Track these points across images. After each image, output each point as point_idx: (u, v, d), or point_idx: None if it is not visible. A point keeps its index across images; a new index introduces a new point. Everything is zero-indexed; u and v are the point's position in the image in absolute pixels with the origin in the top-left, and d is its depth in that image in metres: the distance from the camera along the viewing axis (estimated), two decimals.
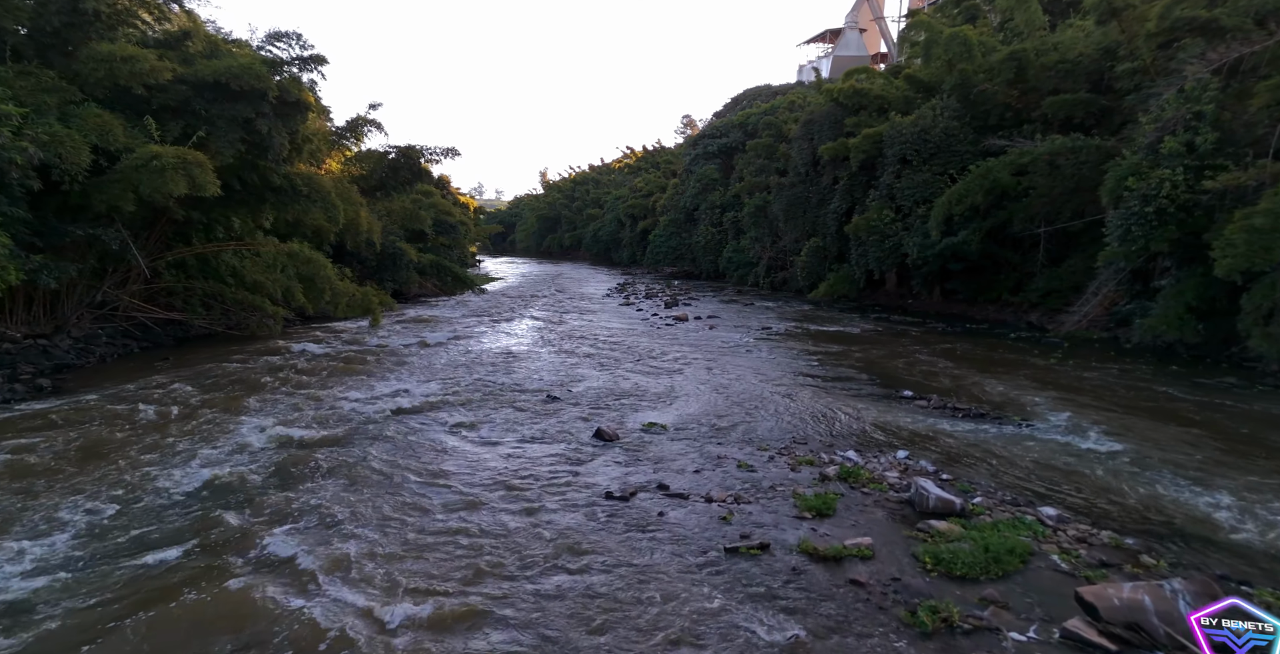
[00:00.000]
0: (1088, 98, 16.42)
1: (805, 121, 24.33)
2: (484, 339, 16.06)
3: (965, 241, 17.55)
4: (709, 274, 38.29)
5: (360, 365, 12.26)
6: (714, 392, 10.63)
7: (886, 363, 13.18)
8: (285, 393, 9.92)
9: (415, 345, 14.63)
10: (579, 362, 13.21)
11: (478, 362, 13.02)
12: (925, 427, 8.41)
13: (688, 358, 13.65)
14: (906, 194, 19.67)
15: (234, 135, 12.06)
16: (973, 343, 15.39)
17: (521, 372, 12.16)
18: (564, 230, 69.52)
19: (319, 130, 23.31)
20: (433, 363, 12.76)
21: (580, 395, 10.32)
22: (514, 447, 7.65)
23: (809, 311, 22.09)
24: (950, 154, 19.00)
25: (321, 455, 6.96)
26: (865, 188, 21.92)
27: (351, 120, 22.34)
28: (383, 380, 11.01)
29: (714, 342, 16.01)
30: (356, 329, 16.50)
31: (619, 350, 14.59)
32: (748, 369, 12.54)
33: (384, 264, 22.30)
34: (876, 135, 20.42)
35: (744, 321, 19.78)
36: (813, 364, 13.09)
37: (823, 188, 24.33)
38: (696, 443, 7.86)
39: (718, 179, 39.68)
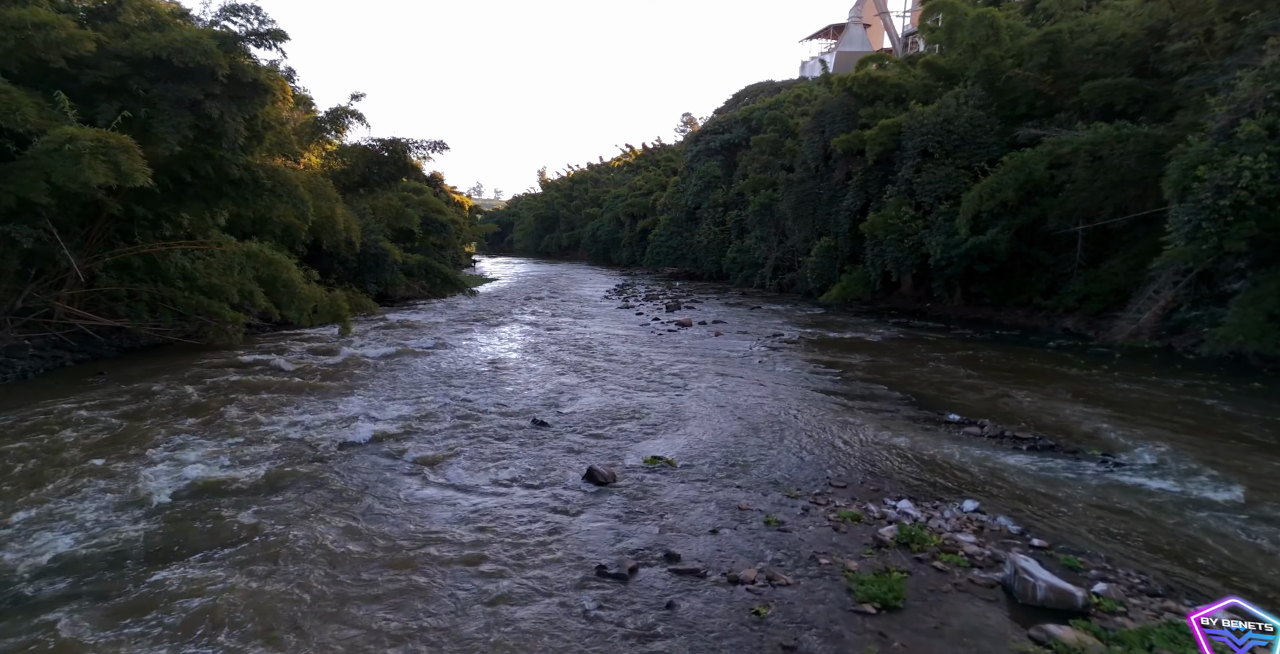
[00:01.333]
0: (1131, 82, 14.97)
1: (816, 113, 22.87)
2: (469, 347, 14.60)
3: (994, 241, 16.09)
4: (711, 275, 36.84)
5: (324, 381, 10.80)
6: (726, 414, 9.17)
7: (917, 376, 11.72)
8: (224, 417, 8.45)
9: (391, 356, 13.16)
10: (572, 375, 11.76)
11: (458, 375, 11.56)
12: (985, 462, 6.95)
13: (694, 370, 12.20)
14: (927, 189, 18.21)
15: (180, 119, 10.59)
16: (1007, 352, 13.93)
17: (507, 388, 10.71)
18: (562, 230, 68.08)
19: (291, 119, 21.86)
20: (407, 377, 11.30)
21: (572, 419, 8.86)
22: (486, 493, 6.18)
23: (821, 316, 20.63)
24: (975, 146, 17.54)
25: (233, 513, 5.49)
26: (881, 183, 20.47)
27: (331, 111, 20.89)
28: (345, 400, 9.55)
29: (721, 350, 14.56)
30: (329, 336, 15.03)
31: (617, 361, 13.14)
32: (762, 384, 11.09)
33: (366, 265, 20.84)
34: (894, 126, 18.97)
35: (752, 327, 18.33)
36: (835, 378, 11.63)
37: (834, 184, 22.87)
38: (710, 485, 6.40)
39: (720, 176, 38.23)
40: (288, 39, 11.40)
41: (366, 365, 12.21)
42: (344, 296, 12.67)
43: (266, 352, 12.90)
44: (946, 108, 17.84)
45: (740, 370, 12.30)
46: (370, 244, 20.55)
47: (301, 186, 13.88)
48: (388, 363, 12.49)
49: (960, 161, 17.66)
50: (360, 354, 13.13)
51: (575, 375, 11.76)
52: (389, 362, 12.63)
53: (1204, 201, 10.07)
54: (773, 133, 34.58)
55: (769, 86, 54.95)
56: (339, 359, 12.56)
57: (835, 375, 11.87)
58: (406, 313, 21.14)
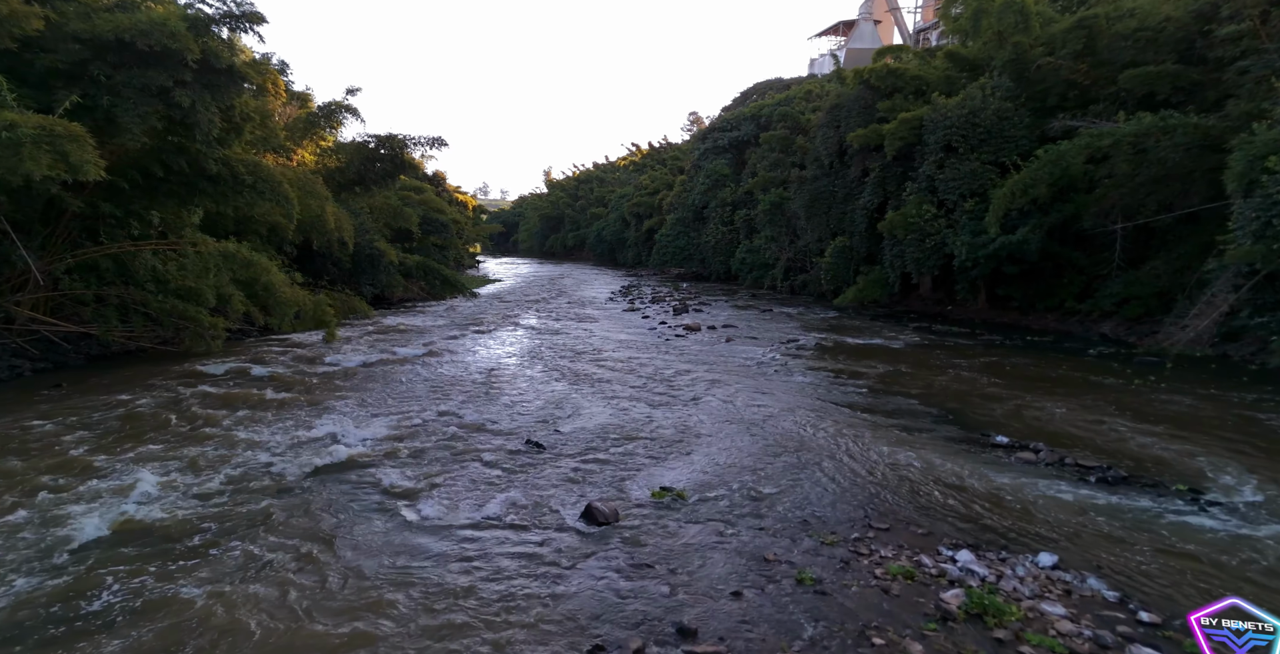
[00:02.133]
0: (1175, 69, 13.90)
1: (831, 107, 21.86)
2: (464, 354, 13.71)
3: (1025, 240, 15.05)
4: (719, 276, 35.89)
5: (303, 393, 9.92)
6: (742, 432, 8.22)
7: (948, 388, 10.73)
8: (185, 437, 7.57)
9: (379, 364, 12.28)
10: (574, 386, 10.84)
11: (449, 386, 10.66)
12: (1050, 499, 5.96)
13: (705, 380, 11.25)
14: (950, 186, 17.19)
15: (146, 108, 9.74)
16: (1042, 360, 12.90)
17: (501, 400, 9.80)
18: (567, 230, 67.27)
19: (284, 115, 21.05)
20: (393, 389, 10.41)
21: (571, 438, 7.93)
22: (465, 537, 5.26)
23: (836, 320, 19.62)
24: (1003, 140, 16.51)
25: (157, 566, 4.59)
26: (900, 180, 19.45)
27: (325, 106, 20.09)
28: (323, 415, 8.65)
29: (734, 358, 13.60)
30: (316, 343, 14.17)
31: (622, 370, 12.21)
32: (780, 397, 10.13)
33: (360, 267, 20.00)
34: (915, 120, 17.95)
35: (764, 332, 17.36)
36: (860, 390, 10.65)
37: (850, 181, 21.85)
38: (729, 526, 5.46)
39: (728, 175, 37.28)
40: (265, 22, 10.52)
41: (352, 375, 11.33)
42: (328, 300, 11.80)
43: (246, 360, 12.04)
44: (971, 100, 16.80)
45: (755, 381, 11.34)
46: (365, 244, 19.72)
47: (286, 183, 13.03)
48: (375, 372, 11.60)
49: (986, 156, 16.63)
50: (346, 362, 12.25)
51: (576, 386, 10.85)
52: (376, 371, 11.75)
53: (1275, 196, 9.03)
54: (783, 129, 33.58)
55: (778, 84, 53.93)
56: (323, 368, 11.68)
57: (858, 387, 10.89)
58: (403, 316, 20.29)
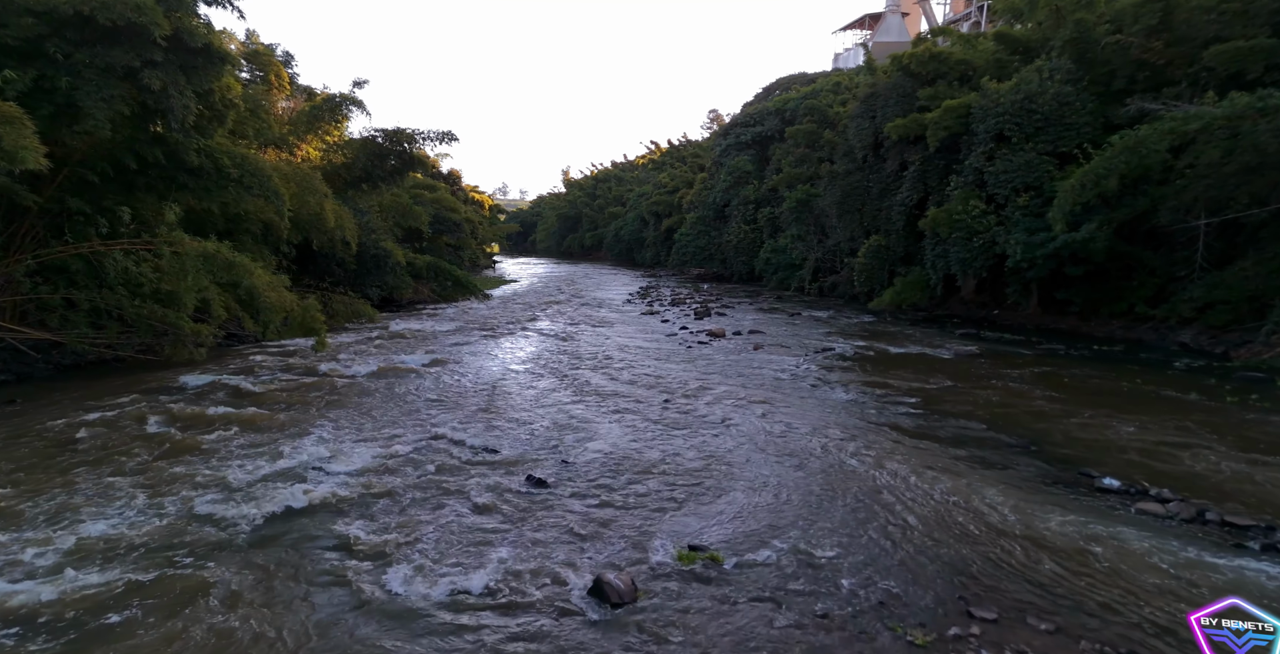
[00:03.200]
0: (1270, 44, 12.24)
1: (866, 97, 20.35)
2: (471, 364, 12.56)
3: (1091, 238, 13.46)
4: (742, 277, 34.47)
5: (283, 412, 8.82)
6: (783, 465, 6.91)
7: (1019, 409, 9.29)
8: (128, 472, 6.48)
9: (375, 376, 11.18)
10: (586, 402, 9.61)
11: (449, 403, 9.50)
12: (1207, 574, 4.56)
13: (733, 396, 9.95)
14: (1001, 179, 15.63)
15: (111, 91, 8.73)
16: (1120, 374, 11.34)
17: (504, 422, 8.60)
18: (585, 230, 66.23)
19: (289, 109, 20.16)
20: (386, 407, 9.27)
21: (580, 472, 6.70)
22: (436, 626, 4.03)
23: (873, 325, 18.14)
24: (1062, 127, 14.92)
25: None
26: (943, 173, 17.91)
27: (329, 98, 19.15)
28: (297, 442, 7.53)
29: (763, 369, 12.26)
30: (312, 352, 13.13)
31: (640, 383, 10.96)
32: (822, 419, 8.79)
33: (366, 268, 19.02)
34: (962, 107, 16.42)
35: (795, 338, 15.97)
36: (914, 411, 9.25)
37: (886, 175, 20.33)
38: (781, 612, 4.17)
39: (751, 171, 35.85)
40: None
41: (343, 389, 10.22)
42: (317, 306, 10.71)
43: (231, 371, 11.01)
44: (1027, 84, 15.23)
45: (791, 398, 10.01)
46: (370, 244, 18.73)
47: (276, 177, 12.01)
48: (370, 385, 10.49)
49: (1043, 146, 15.05)
50: (341, 373, 11.16)
51: (589, 403, 9.62)
52: (372, 384, 10.63)
53: None
54: (810, 123, 32.04)
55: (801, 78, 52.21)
56: (314, 381, 10.59)
57: (911, 406, 9.49)
58: (410, 320, 19.26)
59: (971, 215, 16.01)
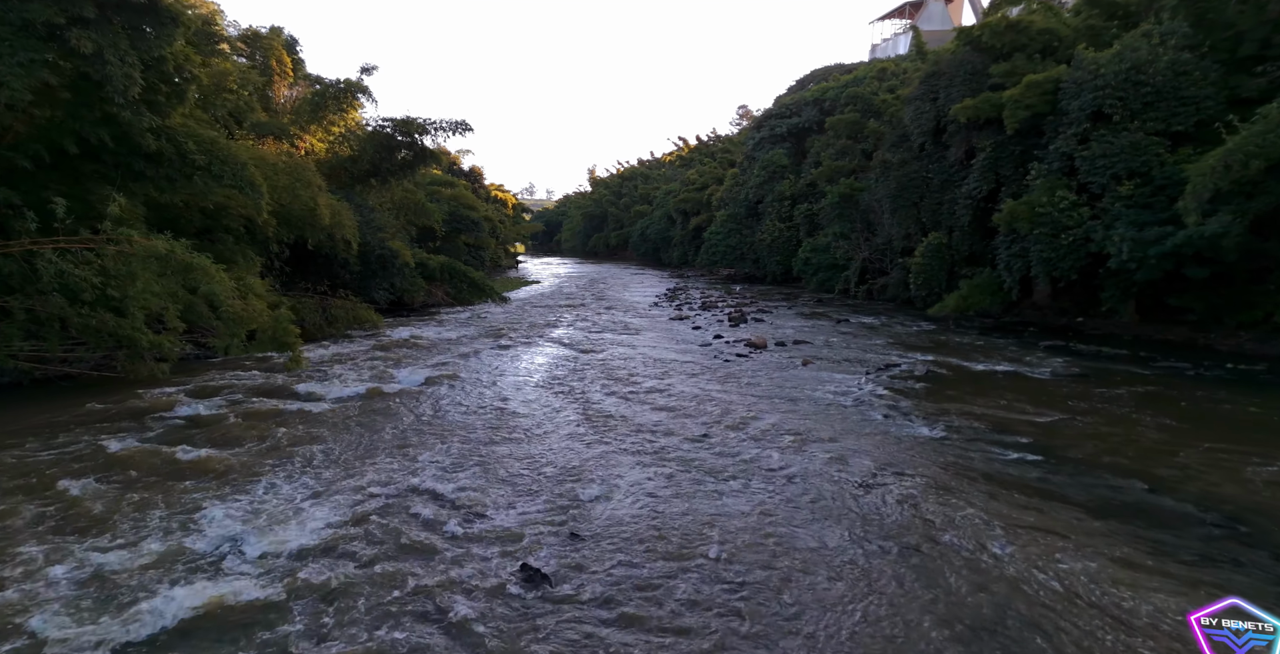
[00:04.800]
0: None
1: (927, 76, 18.04)
2: (474, 383, 10.80)
3: (1224, 233, 11.06)
4: (776, 278, 32.26)
5: (231, 452, 7.13)
6: (882, 555, 4.92)
7: (1186, 457, 7.09)
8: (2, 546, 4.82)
9: (363, 399, 9.47)
10: (606, 437, 7.74)
11: (439, 438, 7.71)
12: None
13: (787, 430, 7.96)
14: (1098, 165, 13.27)
15: (31, 55, 7.15)
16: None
17: (502, 466, 6.79)
18: (610, 229, 64.59)
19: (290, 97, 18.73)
20: (361, 443, 7.52)
21: (595, 558, 4.83)
22: None
23: (936, 335, 15.89)
24: (1178, 102, 12.51)
25: None
26: (1020, 160, 15.57)
27: (332, 85, 17.65)
28: (228, 502, 5.80)
29: (818, 392, 10.22)
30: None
31: (672, 409, 9.04)
32: (910, 467, 6.75)
33: (370, 269, 17.46)
34: (1048, 82, 14.08)
35: (848, 351, 13.85)
36: (1031, 458, 7.13)
37: (949, 165, 18.02)
38: None
39: (787, 166, 33.61)
40: None
41: (315, 418, 8.51)
42: (289, 317, 9.04)
43: (190, 392, 9.42)
44: (1134, 52, 12.84)
45: (861, 434, 7.97)
46: (375, 244, 17.17)
47: (254, 166, 10.39)
48: (349, 413, 8.77)
49: (1153, 124, 12.66)
50: (318, 397, 9.48)
51: (610, 438, 7.74)
52: (354, 409, 8.92)
53: None
54: (852, 113, 29.73)
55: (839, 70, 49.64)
56: (282, 408, 8.91)
57: (1026, 449, 7.37)
58: (419, 326, 17.63)
59: (1059, 208, 13.67)
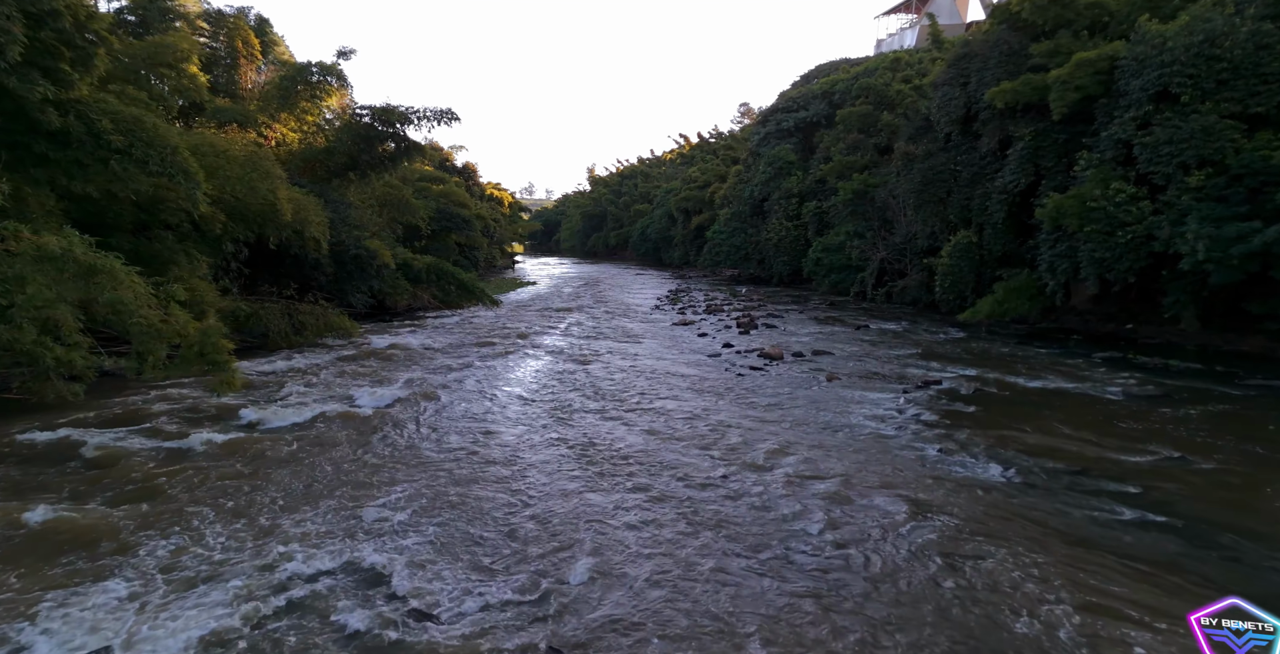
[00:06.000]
0: None
1: (956, 58, 16.45)
2: (449, 405, 9.24)
3: None
4: (783, 279, 30.70)
5: (117, 507, 5.57)
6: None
7: None
8: None
9: (314, 426, 7.90)
10: (601, 480, 6.19)
11: (393, 482, 6.15)
12: None
13: (823, 470, 6.40)
14: (1163, 153, 11.71)
15: None
16: None
17: (468, 529, 5.23)
18: (610, 228, 63.05)
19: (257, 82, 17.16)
20: (292, 491, 5.96)
21: None
22: None
23: (969, 344, 14.32)
24: (1258, 80, 10.96)
25: None
26: (1064, 150, 14.02)
27: (302, 67, 16.08)
28: (75, 594, 4.23)
29: (852, 416, 8.66)
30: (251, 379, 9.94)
31: (682, 439, 7.49)
32: (985, 530, 5.19)
33: (346, 271, 15.87)
34: (1103, 60, 12.51)
35: (875, 363, 12.29)
36: (1153, 519, 5.57)
37: (980, 156, 16.45)
38: None
39: (794, 161, 32.05)
40: None
41: (247, 455, 6.95)
42: (220, 330, 7.46)
43: (101, 420, 7.85)
44: (1206, 23, 11.28)
45: (920, 481, 6.41)
46: (350, 242, 15.59)
47: (187, 150, 8.81)
48: (290, 448, 7.20)
49: (1229, 106, 11.11)
50: (256, 425, 7.90)
51: (605, 480, 6.19)
52: (300, 441, 7.36)
53: None
54: (864, 105, 28.17)
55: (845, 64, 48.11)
56: (207, 439, 7.33)
57: (1133, 503, 5.81)
58: (400, 333, 16.06)
59: (1115, 202, 12.11)
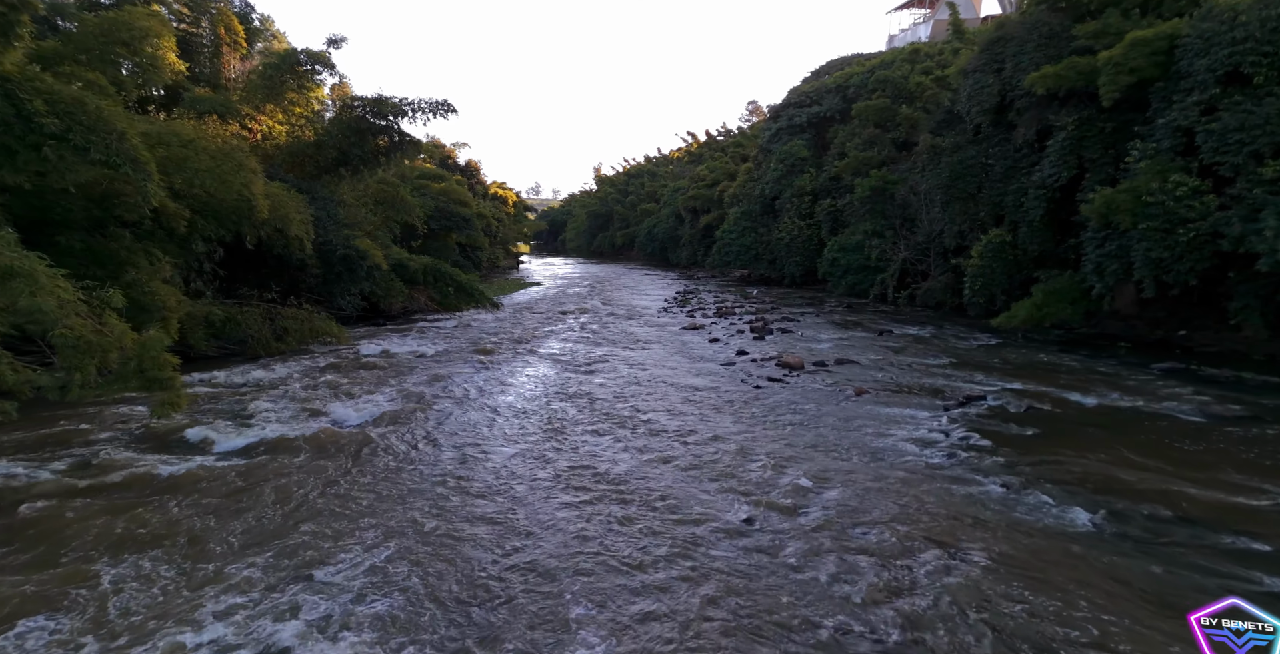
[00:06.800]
0: None
1: (989, 42, 15.25)
2: (434, 423, 8.19)
3: None
4: (796, 279, 29.53)
5: (16, 556, 4.52)
6: None
7: None
8: None
9: (264, 450, 6.86)
10: (607, 527, 5.10)
11: (355, 529, 5.08)
12: None
13: (867, 516, 5.30)
14: (1232, 141, 10.51)
15: None
16: None
17: (439, 591, 4.15)
18: (616, 228, 61.98)
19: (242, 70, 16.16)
20: (222, 543, 4.91)
21: None
22: None
23: (1005, 351, 13.13)
24: None
25: None
26: (1112, 140, 12.82)
27: (287, 54, 15.07)
28: None
29: (890, 439, 7.54)
30: (213, 391, 8.92)
31: (695, 470, 6.39)
32: (1079, 599, 4.06)
33: (334, 272, 14.85)
34: (1161, 39, 11.32)
35: (905, 374, 11.14)
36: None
37: (1015, 148, 15.25)
38: None
39: (807, 158, 30.89)
40: None
41: (191, 487, 5.91)
42: (162, 342, 6.41)
43: (26, 443, 6.82)
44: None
45: (989, 532, 5.29)
46: (338, 242, 14.56)
47: (136, 137, 7.80)
48: (241, 478, 6.16)
49: None
50: (203, 449, 6.87)
51: (613, 529, 5.11)
52: (255, 469, 6.32)
53: None
54: (881, 99, 26.98)
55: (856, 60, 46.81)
56: (159, 467, 6.30)
57: (1270, 567, 4.65)
58: (392, 338, 15.05)
59: (1175, 196, 10.92)
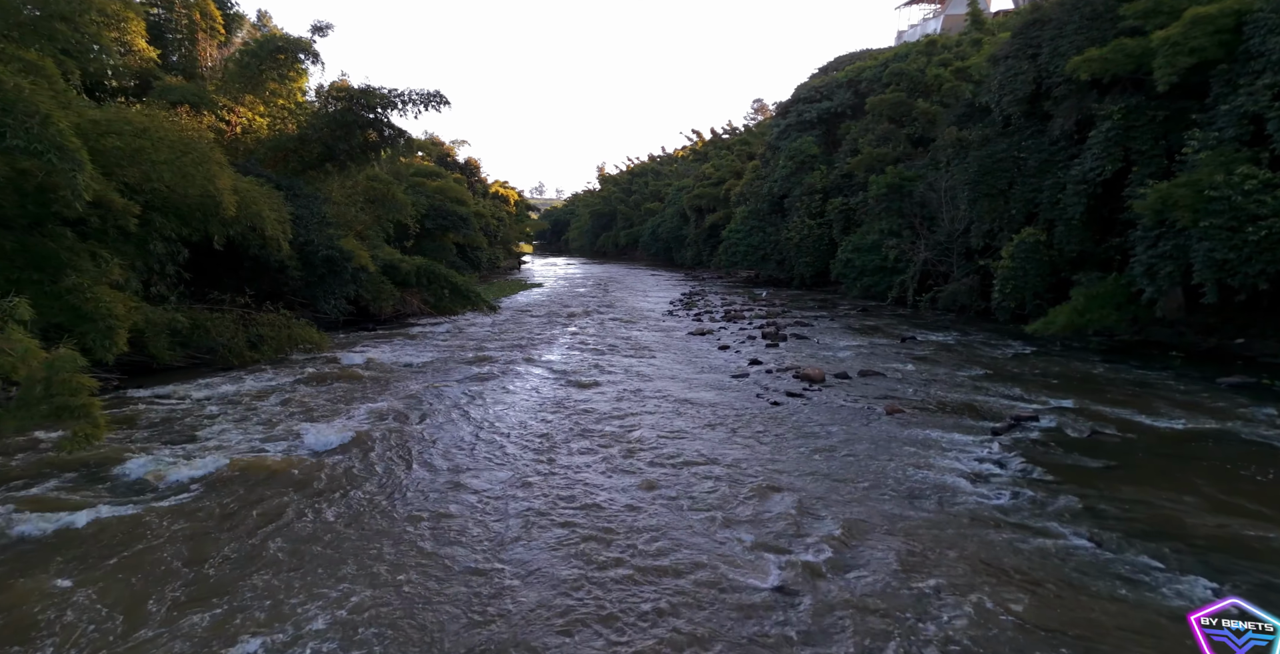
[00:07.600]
0: None
1: (1023, 27, 14.10)
2: (414, 447, 7.15)
3: None
4: (806, 281, 28.45)
5: None
6: None
7: None
8: None
9: (215, 482, 5.81)
10: (606, 596, 4.01)
11: (310, 584, 4.01)
12: None
13: (923, 581, 4.19)
14: None
15: None
16: None
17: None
18: (619, 227, 60.97)
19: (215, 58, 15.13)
20: (145, 616, 3.83)
21: None
22: None
23: (1045, 362, 12.01)
24: None
25: None
26: (1163, 130, 11.70)
27: (266, 41, 14.04)
28: None
29: (933, 472, 6.46)
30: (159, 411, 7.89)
31: (711, 510, 5.36)
32: None
33: (317, 275, 13.80)
34: (1227, 16, 10.18)
35: (940, 389, 10.05)
36: None
37: (1051, 140, 14.11)
38: None
39: (817, 155, 29.76)
40: None
41: (116, 535, 4.87)
42: (73, 361, 5.36)
43: None
44: None
45: (1073, 599, 4.20)
46: (321, 242, 13.51)
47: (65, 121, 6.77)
48: (175, 518, 5.11)
49: None
50: (142, 486, 5.83)
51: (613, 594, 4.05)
52: (190, 514, 5.26)
53: None
54: (896, 92, 25.84)
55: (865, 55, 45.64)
56: (93, 508, 5.25)
57: None
58: (379, 345, 14.00)
59: (1243, 190, 9.79)
